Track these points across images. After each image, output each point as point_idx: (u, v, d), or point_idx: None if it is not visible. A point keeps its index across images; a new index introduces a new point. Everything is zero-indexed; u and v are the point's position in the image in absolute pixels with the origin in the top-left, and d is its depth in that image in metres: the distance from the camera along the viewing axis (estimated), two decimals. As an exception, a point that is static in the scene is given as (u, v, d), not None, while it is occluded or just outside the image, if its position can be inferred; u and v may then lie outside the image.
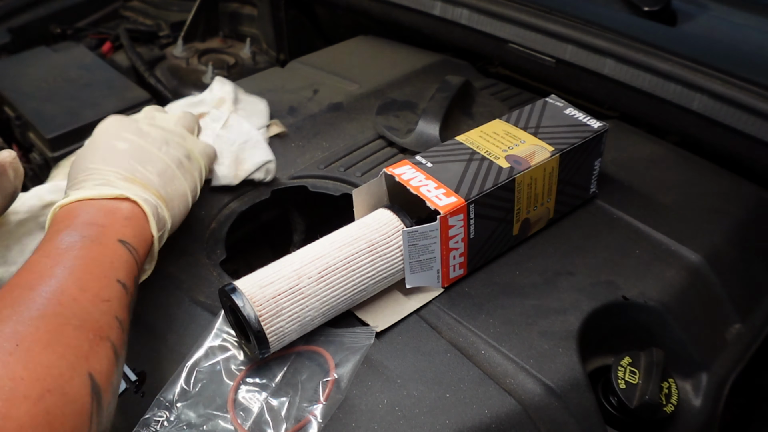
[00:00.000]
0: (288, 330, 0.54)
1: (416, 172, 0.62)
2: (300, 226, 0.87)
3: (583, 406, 0.55)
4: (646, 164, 0.80)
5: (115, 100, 1.02)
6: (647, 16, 0.91)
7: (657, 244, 0.68)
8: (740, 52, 0.85)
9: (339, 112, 0.89)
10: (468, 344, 0.58)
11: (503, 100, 0.93)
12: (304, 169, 0.79)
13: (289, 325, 0.54)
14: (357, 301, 0.59)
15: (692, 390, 0.62)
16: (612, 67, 0.85)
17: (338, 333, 0.58)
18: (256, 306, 0.52)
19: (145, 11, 1.42)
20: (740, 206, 0.75)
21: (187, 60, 1.28)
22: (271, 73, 1.02)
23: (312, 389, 0.53)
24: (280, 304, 0.53)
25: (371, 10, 1.10)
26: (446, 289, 0.63)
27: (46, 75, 1.07)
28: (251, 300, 0.52)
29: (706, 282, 0.66)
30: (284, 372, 0.55)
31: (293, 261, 0.56)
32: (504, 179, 0.62)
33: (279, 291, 0.53)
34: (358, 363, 0.55)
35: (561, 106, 0.72)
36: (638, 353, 0.59)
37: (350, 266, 0.57)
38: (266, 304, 0.53)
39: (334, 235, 0.59)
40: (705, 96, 0.78)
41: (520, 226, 0.66)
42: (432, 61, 1.03)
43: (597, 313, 0.61)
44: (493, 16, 0.94)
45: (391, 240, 0.59)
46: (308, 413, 0.52)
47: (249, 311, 0.52)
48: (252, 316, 0.52)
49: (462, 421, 0.52)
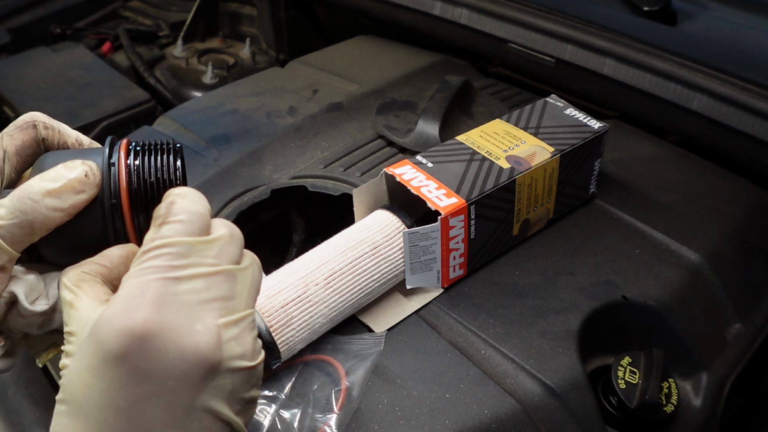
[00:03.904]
0: (298, 339, 0.54)
1: (417, 172, 0.62)
2: (300, 226, 0.87)
3: (583, 406, 0.55)
4: (646, 164, 0.80)
5: (114, 100, 1.02)
6: (647, 16, 0.91)
7: (657, 244, 0.68)
8: (740, 52, 0.85)
9: (339, 112, 0.89)
10: (468, 344, 0.58)
11: (503, 100, 0.93)
12: (303, 169, 0.79)
13: (299, 333, 0.54)
14: (363, 304, 0.59)
15: (692, 390, 0.62)
16: (612, 66, 0.85)
17: (345, 340, 0.57)
18: (266, 317, 0.52)
19: (144, 11, 1.42)
20: (740, 206, 0.75)
21: (187, 60, 1.28)
22: (271, 73, 1.02)
23: (324, 399, 0.53)
24: (289, 313, 0.53)
25: (371, 10, 1.10)
26: (446, 289, 0.63)
27: (46, 75, 1.07)
28: (260, 310, 0.52)
29: (706, 282, 0.66)
30: (293, 382, 0.54)
31: (298, 268, 0.56)
32: (505, 180, 0.62)
33: (287, 300, 0.53)
34: (369, 370, 0.54)
35: (561, 106, 0.72)
36: (638, 353, 0.59)
37: (356, 270, 0.57)
38: (275, 314, 0.52)
39: (336, 239, 0.59)
40: (705, 96, 0.78)
41: (520, 227, 0.66)
42: (432, 61, 1.03)
43: (597, 313, 0.61)
44: (493, 15, 0.94)
45: (393, 241, 0.59)
46: (323, 424, 0.51)
47: (259, 322, 0.51)
48: (262, 327, 0.51)
49: (462, 421, 0.52)
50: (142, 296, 0.32)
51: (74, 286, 0.36)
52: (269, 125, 0.86)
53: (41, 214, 0.36)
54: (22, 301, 0.38)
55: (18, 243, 0.37)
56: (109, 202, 0.38)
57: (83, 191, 0.38)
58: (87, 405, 0.32)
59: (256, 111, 0.90)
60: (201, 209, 0.36)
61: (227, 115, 0.89)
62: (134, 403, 0.32)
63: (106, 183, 0.38)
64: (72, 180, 0.37)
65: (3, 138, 0.41)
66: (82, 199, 0.38)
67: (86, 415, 0.32)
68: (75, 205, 0.37)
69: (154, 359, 0.32)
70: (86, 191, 0.38)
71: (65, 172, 0.37)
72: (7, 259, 0.37)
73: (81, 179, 0.37)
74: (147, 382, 0.32)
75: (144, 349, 0.31)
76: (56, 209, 0.37)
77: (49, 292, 0.40)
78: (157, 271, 0.33)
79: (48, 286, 0.40)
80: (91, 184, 0.38)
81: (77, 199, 0.37)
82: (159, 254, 0.34)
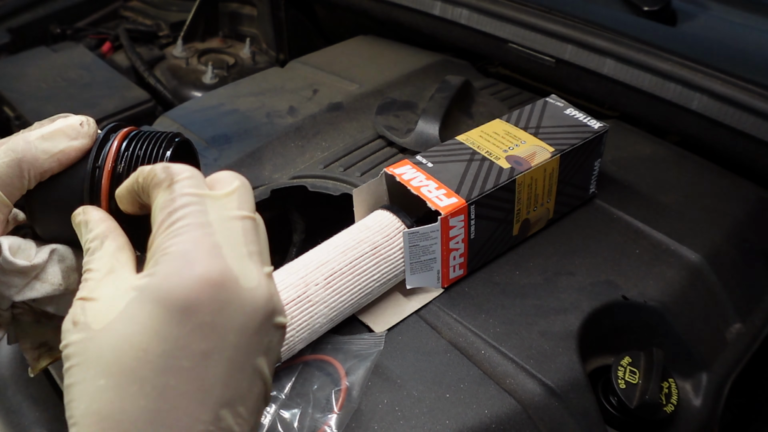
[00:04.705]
0: (298, 339, 0.54)
1: (417, 172, 0.62)
2: (300, 226, 0.87)
3: (583, 406, 0.55)
4: (646, 164, 0.80)
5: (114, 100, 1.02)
6: (647, 16, 0.91)
7: (657, 244, 0.68)
8: (740, 52, 0.85)
9: (339, 112, 0.89)
10: (468, 344, 0.58)
11: (503, 100, 0.93)
12: (303, 169, 0.79)
13: (299, 333, 0.54)
14: (363, 304, 0.59)
15: (692, 390, 0.62)
16: (612, 66, 0.85)
17: (345, 340, 0.57)
18: None
19: (144, 11, 1.42)
20: (740, 206, 0.75)
21: (187, 60, 1.28)
22: (271, 73, 1.02)
23: (324, 399, 0.53)
24: (289, 314, 0.53)
25: (371, 10, 1.10)
26: (446, 289, 0.63)
27: (46, 75, 1.07)
28: None
29: (706, 282, 0.66)
30: (293, 382, 0.54)
31: (298, 269, 0.56)
32: (505, 180, 0.62)
33: (287, 300, 0.53)
34: (369, 370, 0.54)
35: (561, 106, 0.72)
36: (638, 353, 0.59)
37: (356, 270, 0.57)
38: None
39: (336, 239, 0.59)
40: (705, 96, 0.78)
41: (520, 227, 0.66)
42: (432, 61, 1.03)
43: (597, 313, 0.61)
44: (493, 15, 0.94)
45: (393, 241, 0.59)
46: (323, 424, 0.51)
47: None
48: None
49: (462, 421, 0.52)
50: (196, 250, 0.31)
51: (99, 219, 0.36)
52: (269, 125, 0.86)
53: (31, 155, 0.36)
54: (5, 251, 0.37)
55: (7, 185, 0.36)
56: (93, 163, 0.38)
57: (75, 138, 0.37)
58: (142, 370, 0.30)
59: (256, 111, 0.90)
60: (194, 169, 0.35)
61: (227, 115, 0.89)
62: (198, 362, 0.30)
63: (98, 145, 0.38)
64: (66, 125, 0.37)
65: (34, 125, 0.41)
66: (74, 146, 0.37)
67: (142, 381, 0.30)
68: (65, 151, 0.37)
69: (219, 311, 0.30)
70: (78, 139, 0.37)
71: (61, 120, 0.38)
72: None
73: (75, 126, 0.38)
74: (211, 337, 0.30)
75: (211, 300, 0.30)
76: (46, 152, 0.37)
77: (37, 255, 0.39)
78: (195, 228, 0.32)
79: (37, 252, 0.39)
80: (84, 133, 0.38)
81: (68, 145, 0.37)
82: (188, 213, 0.32)
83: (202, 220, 0.32)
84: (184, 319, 0.30)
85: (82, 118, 0.38)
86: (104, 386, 0.30)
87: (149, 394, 0.30)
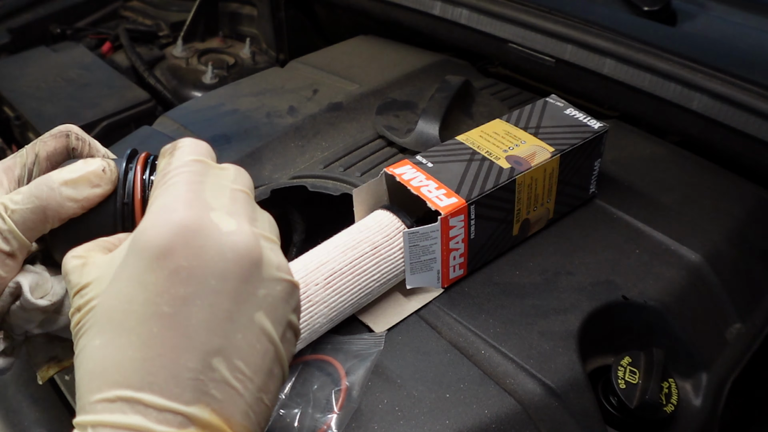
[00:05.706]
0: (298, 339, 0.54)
1: (417, 172, 0.62)
2: (299, 226, 0.87)
3: (583, 406, 0.55)
4: (646, 164, 0.80)
5: (114, 100, 1.03)
6: (647, 16, 0.91)
7: (657, 244, 0.68)
8: (740, 52, 0.85)
9: (339, 112, 0.89)
10: (468, 344, 0.58)
11: (503, 100, 0.93)
12: (303, 168, 0.79)
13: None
14: (363, 304, 0.59)
15: (692, 390, 0.62)
16: (612, 66, 0.85)
17: (345, 340, 0.57)
18: None
19: (144, 11, 1.42)
20: (740, 206, 0.75)
21: (187, 60, 1.29)
22: (271, 73, 1.02)
23: (324, 399, 0.53)
24: None
25: (371, 10, 1.10)
26: (446, 289, 0.63)
27: (46, 75, 1.07)
28: None
29: (706, 282, 0.66)
30: (293, 382, 0.54)
31: (298, 269, 0.56)
32: (505, 180, 0.62)
33: None
34: (369, 370, 0.54)
35: (561, 106, 0.72)
36: (638, 353, 0.59)
37: (356, 270, 0.57)
38: None
39: (336, 239, 0.59)
40: (705, 96, 0.78)
41: (520, 227, 0.66)
42: (432, 61, 1.03)
43: (597, 313, 0.61)
44: (493, 15, 0.94)
45: (393, 241, 0.59)
46: (323, 424, 0.51)
47: None
48: None
49: (462, 421, 0.52)
50: (176, 201, 0.32)
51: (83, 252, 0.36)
52: (269, 125, 0.86)
53: (56, 202, 0.37)
54: (26, 292, 0.38)
55: (30, 230, 0.37)
56: (122, 201, 0.39)
57: (99, 185, 0.39)
58: (128, 321, 0.31)
59: (256, 111, 0.90)
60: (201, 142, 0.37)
61: (227, 115, 0.89)
62: (179, 309, 0.30)
63: (121, 184, 0.40)
64: (89, 173, 0.38)
65: (37, 144, 0.42)
66: (97, 193, 0.39)
67: (128, 331, 0.30)
68: (89, 197, 0.38)
69: (195, 256, 0.31)
70: (101, 186, 0.39)
71: (83, 166, 0.38)
72: (17, 246, 0.37)
73: (98, 173, 0.39)
74: (190, 282, 0.31)
75: (185, 245, 0.31)
76: (71, 199, 0.38)
77: (55, 290, 0.40)
78: (183, 185, 0.33)
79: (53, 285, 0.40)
80: (107, 179, 0.39)
81: (92, 192, 0.38)
82: (180, 172, 0.34)
83: (194, 179, 0.34)
84: (161, 264, 0.31)
85: (104, 164, 0.39)
86: (99, 345, 0.31)
87: (134, 344, 0.30)
